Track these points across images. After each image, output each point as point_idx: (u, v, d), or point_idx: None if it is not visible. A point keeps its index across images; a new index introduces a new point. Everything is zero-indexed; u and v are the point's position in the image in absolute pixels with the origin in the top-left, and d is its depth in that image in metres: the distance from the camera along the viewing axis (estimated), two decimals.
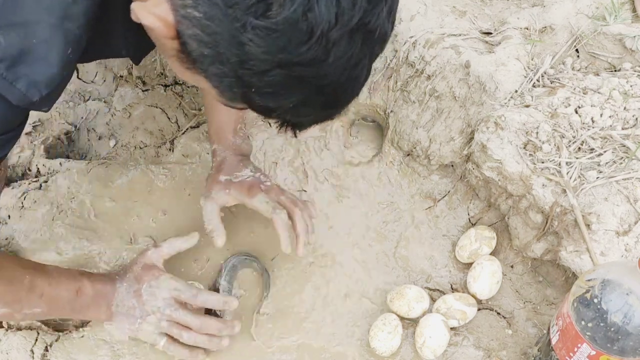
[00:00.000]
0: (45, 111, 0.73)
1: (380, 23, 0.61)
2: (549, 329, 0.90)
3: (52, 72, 0.66)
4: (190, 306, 1.03)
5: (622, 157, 0.96)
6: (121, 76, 1.40)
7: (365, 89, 1.27)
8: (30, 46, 0.63)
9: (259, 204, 1.08)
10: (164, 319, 1.01)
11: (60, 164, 1.28)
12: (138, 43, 0.82)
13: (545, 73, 1.10)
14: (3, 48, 0.62)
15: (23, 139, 1.34)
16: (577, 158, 0.98)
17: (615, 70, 1.11)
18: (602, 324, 0.77)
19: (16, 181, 1.28)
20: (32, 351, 1.04)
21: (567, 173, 0.97)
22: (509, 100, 1.06)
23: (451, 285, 1.13)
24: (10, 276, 0.92)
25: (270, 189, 1.11)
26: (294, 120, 0.70)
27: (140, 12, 0.64)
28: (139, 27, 0.68)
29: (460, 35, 1.15)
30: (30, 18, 0.63)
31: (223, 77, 0.63)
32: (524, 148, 1.01)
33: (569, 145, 0.99)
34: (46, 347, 1.05)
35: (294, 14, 0.56)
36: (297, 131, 0.71)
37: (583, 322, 0.79)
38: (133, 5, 0.65)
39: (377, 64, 1.23)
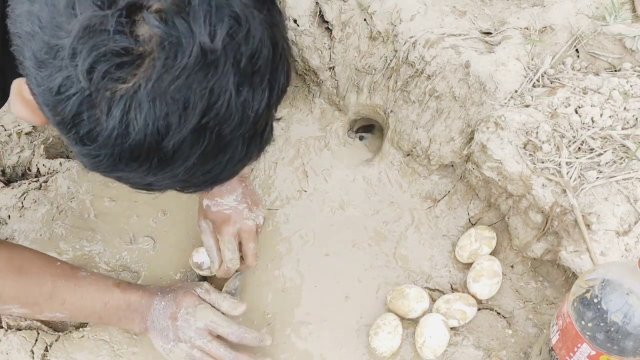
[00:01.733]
0: None
1: (237, 109, 0.52)
2: (548, 329, 0.90)
3: None
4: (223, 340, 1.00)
5: (622, 157, 0.96)
6: None
7: (365, 89, 1.27)
8: None
9: (224, 248, 1.05)
10: (196, 349, 0.98)
11: (60, 164, 1.28)
12: None
13: (545, 73, 1.10)
14: None
15: (23, 139, 1.34)
16: (577, 158, 0.98)
17: (615, 70, 1.11)
18: (602, 324, 0.77)
19: (16, 181, 1.28)
20: (32, 351, 1.04)
21: (567, 173, 0.97)
22: (509, 100, 1.06)
23: (451, 285, 1.13)
24: (30, 279, 0.91)
25: (247, 231, 1.06)
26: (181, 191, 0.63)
27: (13, 100, 0.59)
28: None
29: (460, 35, 1.15)
30: None
31: None
32: (524, 148, 1.01)
33: (569, 145, 0.99)
34: (46, 347, 1.05)
35: (111, 137, 0.50)
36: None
37: (583, 322, 0.79)
38: (13, 85, 0.60)
39: (377, 64, 1.23)
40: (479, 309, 1.08)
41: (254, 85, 0.53)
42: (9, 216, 1.24)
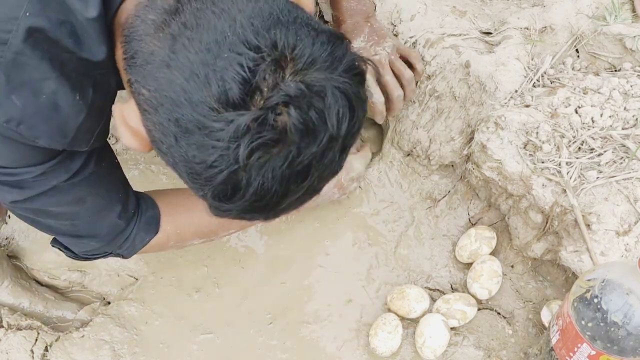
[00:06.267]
0: (87, 149, 0.77)
1: (335, 173, 0.66)
2: (548, 329, 0.90)
3: (65, 121, 0.70)
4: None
5: (622, 157, 0.96)
6: None
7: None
8: (42, 102, 0.67)
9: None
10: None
11: None
12: None
13: (545, 73, 1.10)
14: (20, 109, 0.66)
15: None
16: (577, 158, 0.98)
17: (615, 70, 1.11)
18: (602, 324, 0.77)
19: None
20: (32, 351, 1.04)
21: (567, 173, 0.97)
22: (509, 100, 1.06)
23: (451, 285, 1.13)
24: (197, 212, 0.98)
25: (378, 64, 1.12)
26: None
27: (121, 129, 0.66)
28: None
29: (460, 35, 1.15)
30: (36, 76, 0.65)
31: None
32: (524, 148, 1.01)
33: (569, 145, 0.99)
34: (46, 347, 1.05)
35: (247, 200, 0.60)
36: None
37: (583, 322, 0.79)
38: (114, 111, 0.67)
39: None
40: (479, 309, 1.08)
41: (346, 151, 0.64)
42: (9, 216, 1.24)
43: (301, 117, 0.57)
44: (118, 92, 0.78)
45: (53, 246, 0.94)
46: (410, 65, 1.14)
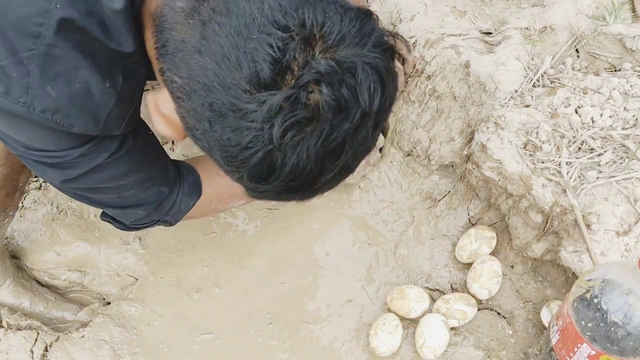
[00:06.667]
0: (119, 133, 0.79)
1: (368, 151, 0.65)
2: (548, 329, 0.90)
3: (97, 109, 0.72)
4: None
5: (622, 157, 0.96)
6: None
7: None
8: (75, 91, 0.68)
9: None
10: None
11: None
12: None
13: (545, 73, 1.10)
14: (55, 99, 0.68)
15: None
16: (577, 158, 0.98)
17: (615, 70, 1.11)
18: (602, 324, 0.77)
19: None
20: (32, 351, 1.04)
21: (567, 173, 0.97)
22: (509, 100, 1.06)
23: (451, 285, 1.13)
24: None
25: None
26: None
27: (154, 118, 0.67)
28: None
29: (460, 35, 1.15)
30: (69, 66, 0.67)
31: None
32: (524, 148, 1.01)
33: (569, 145, 0.99)
34: (46, 347, 1.05)
35: (283, 180, 0.60)
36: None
37: (583, 322, 0.79)
38: (148, 100, 0.68)
39: None
40: (479, 309, 1.08)
41: (379, 127, 0.64)
42: None
43: (333, 94, 0.57)
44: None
45: (103, 220, 0.97)
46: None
